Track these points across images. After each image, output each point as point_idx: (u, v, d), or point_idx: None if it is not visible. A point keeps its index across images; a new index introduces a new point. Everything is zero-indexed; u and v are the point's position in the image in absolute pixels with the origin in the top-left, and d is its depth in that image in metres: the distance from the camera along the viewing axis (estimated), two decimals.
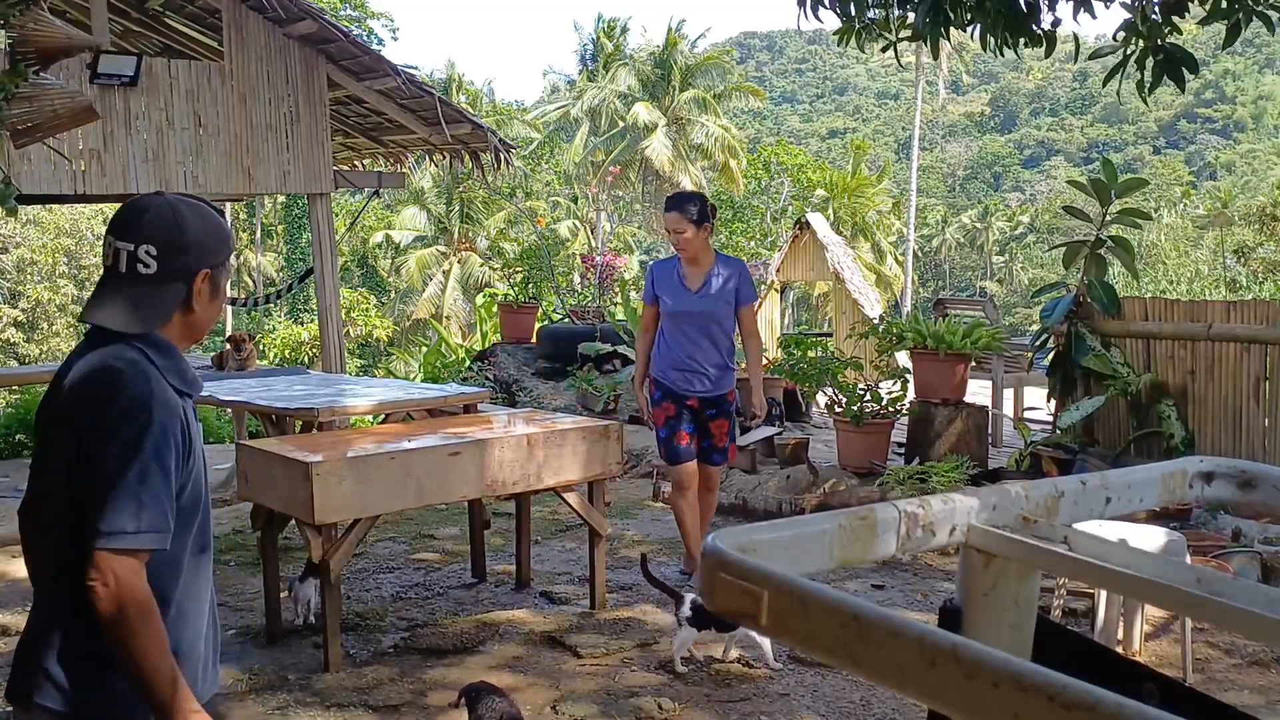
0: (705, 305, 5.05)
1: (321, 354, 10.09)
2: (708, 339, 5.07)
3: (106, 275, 1.87)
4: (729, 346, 5.17)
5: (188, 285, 1.87)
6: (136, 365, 1.82)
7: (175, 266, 1.85)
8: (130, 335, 1.83)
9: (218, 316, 2.04)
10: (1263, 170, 55.00)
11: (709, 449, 5.21)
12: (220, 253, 1.92)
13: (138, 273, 1.83)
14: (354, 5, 29.42)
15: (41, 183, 7.72)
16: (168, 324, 1.89)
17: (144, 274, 1.83)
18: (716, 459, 5.25)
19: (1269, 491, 1.19)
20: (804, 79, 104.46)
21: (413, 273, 30.00)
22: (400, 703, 3.86)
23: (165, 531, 1.78)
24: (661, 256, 39.00)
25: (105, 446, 1.74)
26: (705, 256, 5.08)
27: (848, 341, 10.85)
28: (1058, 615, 4.30)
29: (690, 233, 4.97)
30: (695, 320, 5.05)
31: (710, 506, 5.42)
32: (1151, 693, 0.95)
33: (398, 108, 9.24)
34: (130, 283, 1.84)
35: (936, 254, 54.44)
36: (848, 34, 5.19)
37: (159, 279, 1.84)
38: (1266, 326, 6.09)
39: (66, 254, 25.03)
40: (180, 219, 1.86)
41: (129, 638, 1.73)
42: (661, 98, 33.26)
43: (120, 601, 1.72)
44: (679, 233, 4.97)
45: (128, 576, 1.73)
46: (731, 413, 5.23)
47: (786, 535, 0.92)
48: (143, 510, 1.74)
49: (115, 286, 1.85)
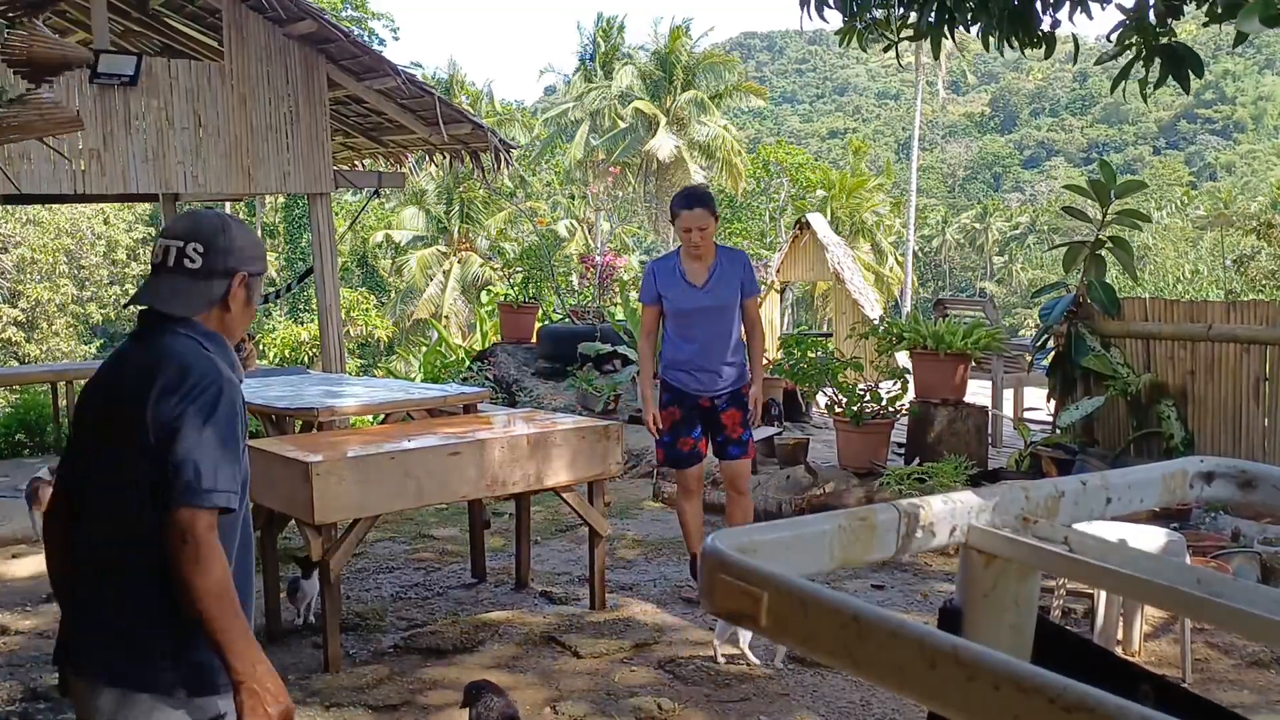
0: (713, 300, 4.85)
1: (321, 354, 10.10)
2: (717, 335, 4.87)
3: (155, 270, 2.07)
4: (738, 341, 4.95)
5: (227, 284, 2.06)
6: (200, 346, 2.02)
7: (218, 265, 2.05)
8: (179, 322, 2.03)
9: (249, 322, 2.21)
10: (1262, 171, 54.97)
11: (724, 443, 4.96)
12: (257, 263, 2.12)
13: (184, 266, 2.03)
14: (355, 5, 29.41)
15: (41, 182, 7.71)
16: (207, 316, 2.06)
17: (189, 267, 2.03)
18: (734, 452, 4.97)
19: (1269, 491, 1.19)
20: (804, 79, 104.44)
21: (414, 273, 29.99)
22: (400, 702, 3.86)
23: (235, 492, 1.94)
24: (661, 255, 39.02)
25: (182, 414, 1.91)
26: (709, 251, 4.92)
27: (847, 341, 10.85)
28: (1057, 616, 4.30)
29: (711, 229, 4.83)
30: (704, 317, 4.86)
31: (745, 510, 5.07)
32: (1147, 694, 0.96)
33: (398, 108, 9.24)
34: (177, 275, 2.04)
35: (936, 254, 54.42)
36: (849, 34, 5.18)
37: (203, 273, 2.04)
38: (1266, 327, 6.09)
39: (66, 254, 25.01)
40: (226, 225, 2.08)
41: (206, 591, 1.86)
42: (663, 96, 33.26)
43: (199, 554, 1.86)
44: (702, 229, 4.78)
45: (205, 532, 1.88)
46: (745, 403, 4.97)
47: (786, 536, 0.92)
48: (217, 470, 1.90)
49: (163, 278, 2.05)
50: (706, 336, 4.87)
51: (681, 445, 4.97)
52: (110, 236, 26.36)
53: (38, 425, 9.48)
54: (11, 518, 6.58)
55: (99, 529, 1.98)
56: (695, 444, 4.98)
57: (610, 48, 35.60)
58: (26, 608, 5.12)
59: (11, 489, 7.31)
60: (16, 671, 4.27)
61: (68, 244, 24.88)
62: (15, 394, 12.05)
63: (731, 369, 4.93)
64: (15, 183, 7.46)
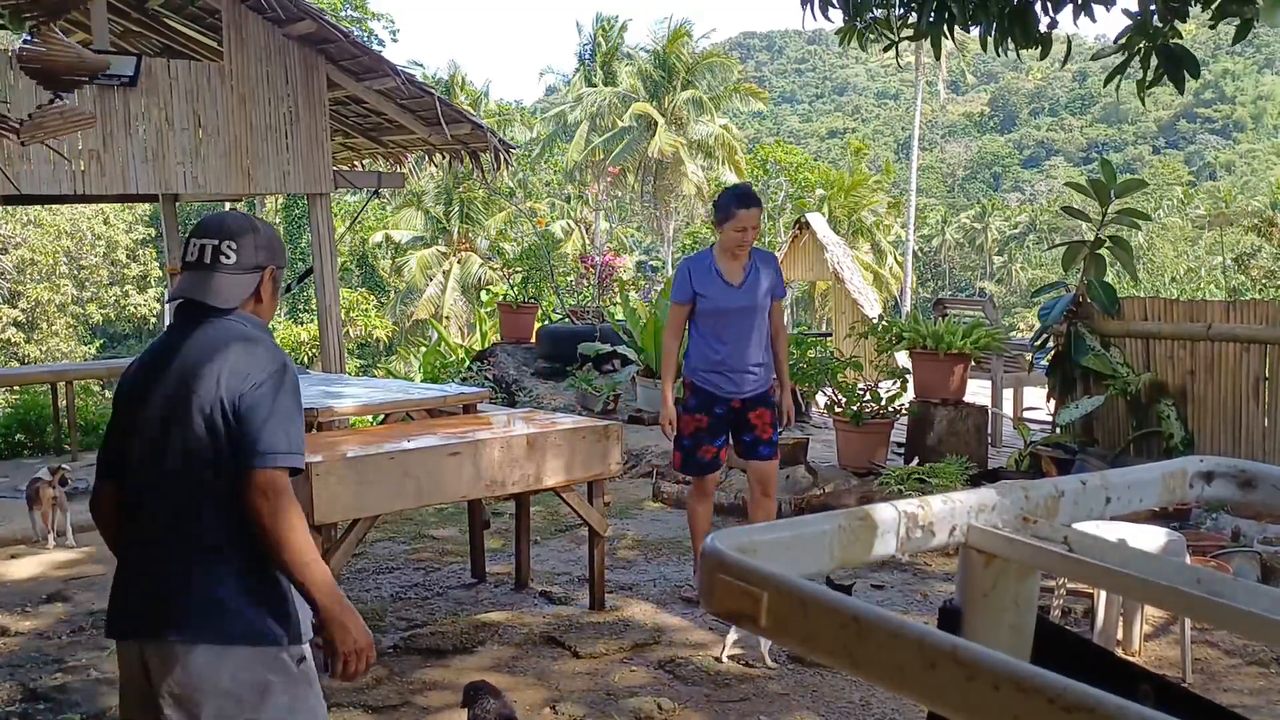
0: (750, 300, 4.82)
1: (321, 354, 10.09)
2: (750, 335, 4.83)
3: (191, 267, 2.24)
4: (767, 341, 4.94)
5: (259, 277, 2.27)
6: (255, 330, 2.24)
7: (250, 260, 2.25)
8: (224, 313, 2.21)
9: (274, 311, 2.42)
10: (1262, 170, 54.97)
11: (753, 443, 4.92)
12: (281, 258, 2.34)
13: (220, 262, 2.22)
14: (355, 6, 29.39)
15: (41, 183, 7.71)
16: (244, 306, 2.26)
17: (225, 263, 2.22)
18: (764, 451, 4.93)
19: (1269, 491, 1.19)
20: (804, 79, 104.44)
21: (413, 273, 29.98)
22: (399, 703, 3.86)
23: (302, 455, 2.17)
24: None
25: (257, 387, 2.13)
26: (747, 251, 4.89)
27: (847, 341, 10.86)
28: (1057, 616, 4.30)
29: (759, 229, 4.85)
30: (739, 317, 4.82)
31: (769, 513, 5.02)
32: (1147, 694, 0.95)
33: (397, 108, 9.24)
34: (214, 270, 2.22)
35: (936, 254, 54.42)
36: (850, 33, 5.19)
37: (238, 268, 2.23)
38: (1266, 326, 6.09)
39: (66, 254, 25.01)
40: (254, 225, 2.30)
41: (293, 542, 2.07)
42: (662, 97, 33.26)
43: (281, 509, 2.08)
44: (755, 229, 4.78)
45: (287, 488, 2.11)
46: (773, 403, 4.95)
47: (786, 536, 0.92)
48: (289, 436, 2.13)
49: (201, 274, 2.23)
50: (740, 336, 4.83)
51: (703, 453, 4.91)
52: (110, 237, 26.36)
53: (38, 425, 9.47)
54: (11, 518, 6.57)
55: (178, 500, 2.16)
56: (717, 453, 4.94)
57: (611, 47, 35.61)
58: (26, 608, 5.12)
59: (11, 489, 7.31)
60: (16, 672, 4.27)
61: (67, 245, 24.88)
62: (15, 394, 12.04)
63: (761, 369, 4.90)
64: (15, 183, 7.46)
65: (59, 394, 9.06)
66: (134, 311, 27.93)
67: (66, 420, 9.01)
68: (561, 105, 35.76)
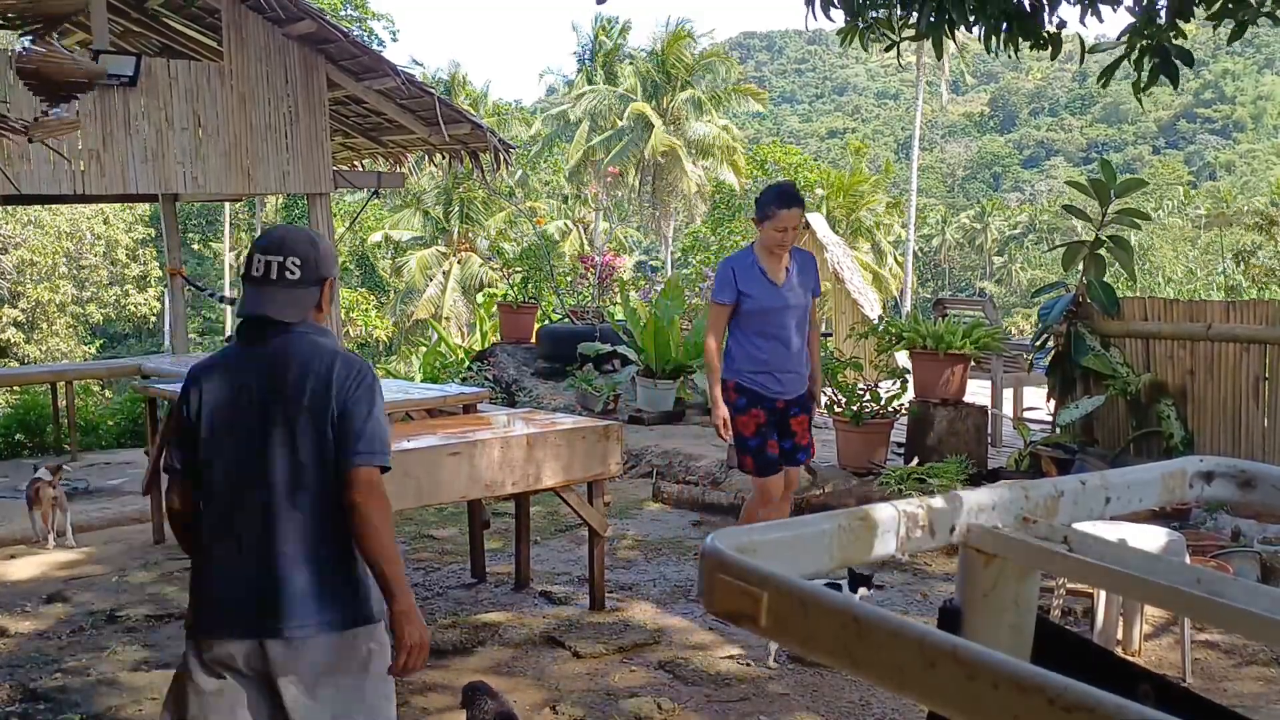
0: (795, 298, 4.78)
1: None
2: (795, 334, 4.79)
3: (258, 283, 2.37)
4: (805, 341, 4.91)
5: (320, 289, 2.43)
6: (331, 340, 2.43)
7: (313, 274, 2.40)
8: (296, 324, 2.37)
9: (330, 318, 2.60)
10: (1262, 170, 54.95)
11: (793, 449, 4.89)
12: (336, 267, 2.51)
13: (286, 278, 2.36)
14: (355, 5, 29.39)
15: (41, 183, 7.70)
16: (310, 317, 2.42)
17: (290, 279, 2.37)
18: (801, 458, 4.97)
19: (1269, 491, 1.19)
20: (803, 79, 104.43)
21: (413, 273, 29.98)
22: (399, 703, 3.85)
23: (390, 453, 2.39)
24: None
25: (356, 390, 2.34)
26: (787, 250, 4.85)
27: (847, 341, 10.87)
28: (1057, 615, 4.29)
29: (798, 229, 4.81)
30: (785, 315, 4.76)
31: (784, 515, 4.95)
32: (1147, 694, 0.95)
33: (397, 108, 9.24)
34: (281, 286, 2.37)
35: (936, 254, 54.41)
36: (851, 33, 5.18)
37: (302, 282, 2.38)
38: (1266, 326, 6.09)
39: (66, 255, 25.02)
40: (313, 240, 2.45)
41: (383, 537, 2.28)
42: (661, 97, 33.24)
43: (381, 504, 2.31)
44: (795, 229, 4.73)
45: (380, 485, 2.33)
46: (810, 408, 4.96)
47: (786, 536, 0.92)
48: (384, 436, 2.37)
49: (270, 290, 2.37)
50: (785, 335, 4.77)
51: (770, 449, 4.82)
52: (110, 237, 26.37)
53: (37, 426, 9.47)
54: (11, 518, 6.57)
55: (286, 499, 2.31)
56: (779, 449, 4.85)
57: (613, 47, 35.60)
58: (26, 608, 5.11)
59: (11, 489, 7.31)
60: (16, 672, 4.27)
61: (67, 245, 24.89)
62: (15, 394, 12.04)
63: (804, 369, 4.88)
64: (15, 183, 7.46)
65: (59, 394, 9.06)
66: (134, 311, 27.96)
67: (66, 420, 9.01)
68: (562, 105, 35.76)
